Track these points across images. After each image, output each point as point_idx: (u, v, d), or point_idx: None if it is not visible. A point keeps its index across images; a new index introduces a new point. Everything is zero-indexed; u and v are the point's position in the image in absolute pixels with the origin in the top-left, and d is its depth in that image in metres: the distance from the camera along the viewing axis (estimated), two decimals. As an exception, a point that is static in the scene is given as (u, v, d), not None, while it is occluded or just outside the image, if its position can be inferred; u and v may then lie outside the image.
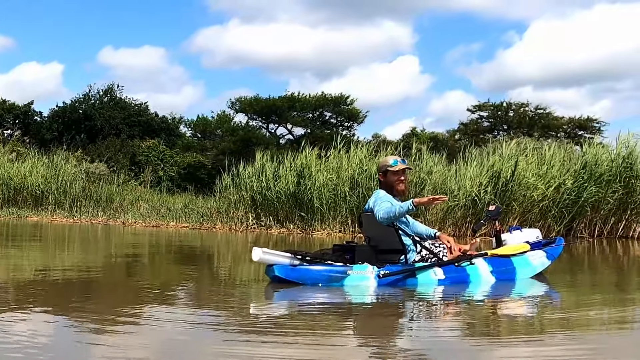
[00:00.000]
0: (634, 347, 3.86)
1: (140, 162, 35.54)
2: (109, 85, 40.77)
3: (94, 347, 3.57)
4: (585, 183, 13.65)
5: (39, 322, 4.20)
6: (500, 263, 6.49)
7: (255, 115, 41.99)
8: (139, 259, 9.00)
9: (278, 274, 5.85)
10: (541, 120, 39.83)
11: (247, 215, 15.52)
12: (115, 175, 26.42)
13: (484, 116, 42.02)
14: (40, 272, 7.02)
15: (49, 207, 19.47)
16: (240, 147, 35.11)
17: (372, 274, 5.90)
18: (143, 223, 16.17)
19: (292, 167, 15.42)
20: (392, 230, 6.05)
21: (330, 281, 5.87)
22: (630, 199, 13.68)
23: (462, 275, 6.23)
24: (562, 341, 3.93)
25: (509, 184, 13.58)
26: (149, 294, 5.68)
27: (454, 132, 41.83)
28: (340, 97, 41.34)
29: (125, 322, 4.22)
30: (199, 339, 3.86)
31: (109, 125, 38.39)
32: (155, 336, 3.92)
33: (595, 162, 14.00)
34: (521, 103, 41.26)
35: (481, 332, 4.35)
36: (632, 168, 13.79)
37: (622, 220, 13.83)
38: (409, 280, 6.02)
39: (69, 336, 3.90)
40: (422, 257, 6.23)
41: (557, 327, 4.46)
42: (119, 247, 10.99)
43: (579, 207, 13.63)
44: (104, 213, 18.03)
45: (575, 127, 39.41)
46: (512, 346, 3.86)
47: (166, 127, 41.91)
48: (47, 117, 40.59)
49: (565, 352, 3.61)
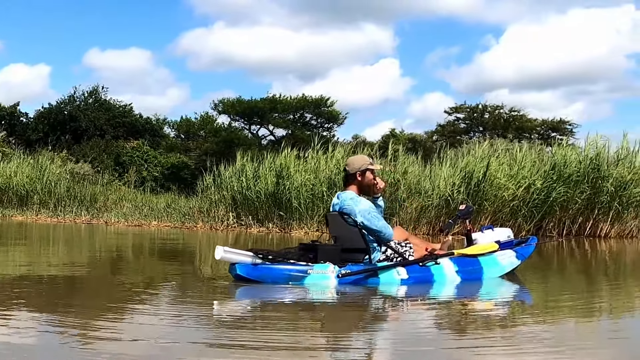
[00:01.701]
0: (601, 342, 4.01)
1: (124, 162, 35.76)
2: (93, 87, 40.94)
3: (79, 344, 3.66)
4: (554, 183, 14.04)
5: (24, 320, 4.30)
6: (466, 263, 6.46)
7: (237, 117, 42.26)
8: (121, 257, 9.34)
9: (239, 272, 5.89)
10: (515, 122, 40.47)
11: (228, 215, 15.90)
12: (99, 176, 26.72)
13: (461, 118, 42.71)
14: (24, 270, 7.31)
15: (33, 207, 19.69)
16: (223, 148, 35.39)
17: (332, 274, 5.90)
18: (125, 222, 16.42)
19: (271, 168, 15.78)
20: (357, 230, 6.05)
21: (290, 280, 5.88)
22: (598, 199, 14.04)
23: (426, 275, 6.18)
24: (521, 338, 4.00)
25: (481, 184, 14.03)
26: (126, 290, 5.86)
27: (431, 134, 42.37)
28: (321, 99, 41.72)
29: (108, 319, 4.37)
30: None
31: (93, 126, 38.56)
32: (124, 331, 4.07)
33: (564, 163, 14.41)
34: (496, 105, 42.01)
35: (436, 331, 4.39)
36: (599, 169, 14.17)
37: (589, 220, 14.24)
38: (370, 280, 6.02)
39: (54, 334, 3.95)
40: (387, 257, 6.22)
41: (514, 324, 4.57)
42: (101, 246, 11.35)
43: (548, 206, 14.04)
44: (88, 212, 18.32)
45: (548, 128, 40.05)
46: (466, 346, 3.90)
47: (150, 128, 42.12)
48: (33, 118, 40.68)
49: (528, 348, 3.70)
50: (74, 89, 40.96)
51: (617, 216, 14.11)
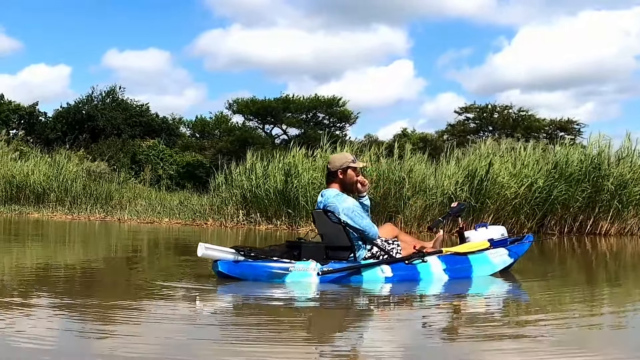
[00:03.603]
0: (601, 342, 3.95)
1: (140, 161, 36.37)
2: (111, 87, 41.66)
3: (95, 339, 3.75)
4: (556, 182, 14.31)
5: (43, 314, 4.41)
6: (455, 261, 6.33)
7: (251, 116, 42.88)
8: (129, 254, 9.63)
9: (221, 269, 5.87)
10: (524, 122, 40.85)
11: (238, 212, 16.30)
12: (115, 174, 27.26)
13: (471, 118, 43.10)
14: (40, 266, 7.57)
15: (49, 205, 20.15)
16: (237, 147, 35.86)
17: (314, 271, 5.81)
18: (138, 220, 16.81)
19: (280, 167, 16.16)
20: (341, 227, 5.97)
21: (272, 277, 5.83)
22: (598, 197, 14.28)
23: (412, 273, 6.07)
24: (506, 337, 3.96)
25: (484, 183, 14.32)
26: (131, 286, 6.01)
27: (442, 133, 42.79)
28: (333, 99, 42.31)
29: (123, 315, 4.42)
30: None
31: (110, 126, 39.24)
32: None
33: (565, 162, 14.69)
34: (505, 105, 42.49)
35: (415, 330, 4.34)
36: (600, 168, 14.43)
37: (590, 218, 14.50)
38: (353, 278, 5.93)
39: (71, 329, 4.01)
40: (373, 255, 6.13)
41: (503, 322, 4.55)
42: (113, 243, 11.74)
43: (549, 204, 14.31)
44: (103, 210, 18.78)
45: (556, 128, 40.27)
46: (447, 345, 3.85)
47: (166, 128, 42.79)
48: (52, 117, 41.45)
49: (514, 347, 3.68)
50: (92, 89, 41.72)
51: (617, 214, 14.33)
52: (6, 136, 32.26)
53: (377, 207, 14.58)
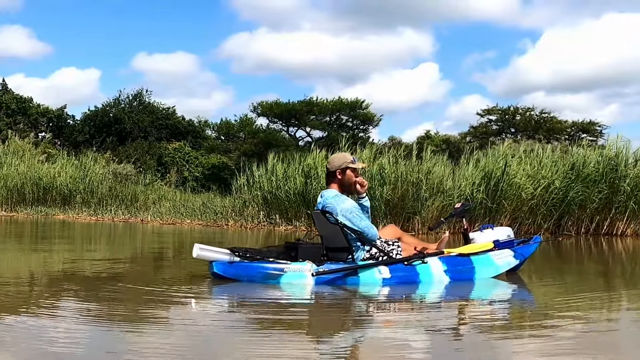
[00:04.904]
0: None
1: (166, 163, 36.90)
2: (138, 90, 42.26)
3: (122, 340, 3.79)
4: (573, 183, 14.39)
5: (69, 316, 4.46)
6: (457, 262, 6.23)
7: (275, 119, 43.27)
8: (148, 254, 9.96)
9: (216, 270, 5.89)
10: (546, 124, 40.90)
11: (258, 213, 16.59)
12: (141, 176, 27.72)
13: (493, 120, 43.25)
14: (65, 265, 7.87)
15: (75, 206, 20.57)
16: (262, 149, 36.19)
17: (309, 272, 5.77)
18: (160, 221, 17.15)
19: (301, 168, 16.41)
20: (339, 228, 5.95)
21: (266, 278, 5.81)
22: (615, 198, 14.33)
23: (411, 274, 5.97)
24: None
25: (500, 184, 14.44)
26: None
27: (464, 135, 42.88)
28: (356, 101, 42.57)
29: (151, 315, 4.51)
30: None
31: (137, 128, 39.83)
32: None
33: (582, 163, 14.76)
34: (527, 107, 42.52)
35: (403, 330, 4.26)
36: (617, 169, 14.48)
37: (606, 219, 14.56)
38: (350, 279, 5.86)
39: (100, 329, 4.09)
40: (372, 256, 6.06)
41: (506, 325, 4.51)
42: (133, 243, 12.08)
43: (565, 205, 14.40)
44: (128, 211, 19.16)
45: (578, 130, 40.23)
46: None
47: (192, 130, 43.28)
48: (80, 120, 42.15)
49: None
50: (119, 92, 42.32)
51: (634, 215, 14.37)
52: (34, 139, 32.89)
53: (395, 208, 14.81)
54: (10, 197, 21.23)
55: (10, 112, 39.24)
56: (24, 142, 27.63)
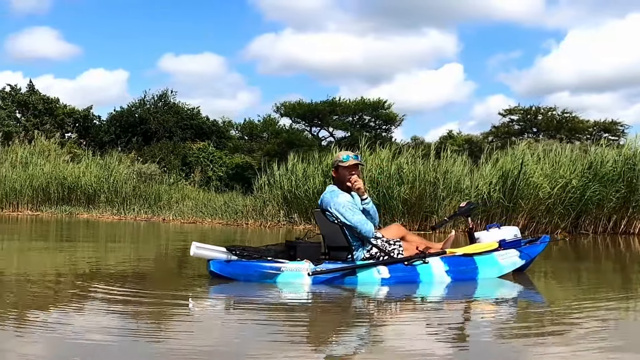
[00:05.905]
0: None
1: (190, 162, 37.24)
2: (163, 90, 42.68)
3: (148, 338, 3.81)
4: (590, 182, 14.41)
5: (94, 312, 4.54)
6: (459, 262, 6.14)
7: (298, 119, 43.51)
8: (161, 253, 10.19)
9: (212, 269, 5.86)
10: (568, 124, 40.80)
11: (278, 212, 16.82)
12: (165, 175, 28.06)
13: (515, 120, 43.20)
14: (90, 263, 8.12)
15: (99, 205, 20.93)
16: (285, 149, 36.40)
17: (306, 272, 5.72)
18: (182, 220, 17.41)
19: (320, 168, 16.59)
20: (338, 227, 5.96)
21: (263, 277, 5.78)
22: (632, 197, 14.35)
23: (411, 274, 5.90)
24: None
25: (516, 183, 14.50)
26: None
27: (486, 135, 42.84)
28: (378, 101, 42.61)
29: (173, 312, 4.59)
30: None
31: (162, 129, 40.20)
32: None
33: (600, 163, 14.78)
34: (549, 107, 42.43)
35: (394, 332, 4.21)
36: (634, 168, 14.49)
37: (624, 218, 14.57)
38: (348, 279, 5.81)
39: (125, 325, 4.14)
40: (372, 255, 6.04)
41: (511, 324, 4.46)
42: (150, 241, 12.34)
43: (583, 204, 14.43)
44: (151, 210, 19.48)
45: (600, 129, 39.89)
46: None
47: (217, 130, 43.61)
48: (105, 121, 42.68)
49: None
50: (144, 93, 42.77)
51: (651, 214, 14.40)
52: (60, 139, 33.39)
53: (412, 207, 14.97)
54: (36, 196, 21.59)
55: (37, 113, 39.79)
56: (49, 142, 28.06)
